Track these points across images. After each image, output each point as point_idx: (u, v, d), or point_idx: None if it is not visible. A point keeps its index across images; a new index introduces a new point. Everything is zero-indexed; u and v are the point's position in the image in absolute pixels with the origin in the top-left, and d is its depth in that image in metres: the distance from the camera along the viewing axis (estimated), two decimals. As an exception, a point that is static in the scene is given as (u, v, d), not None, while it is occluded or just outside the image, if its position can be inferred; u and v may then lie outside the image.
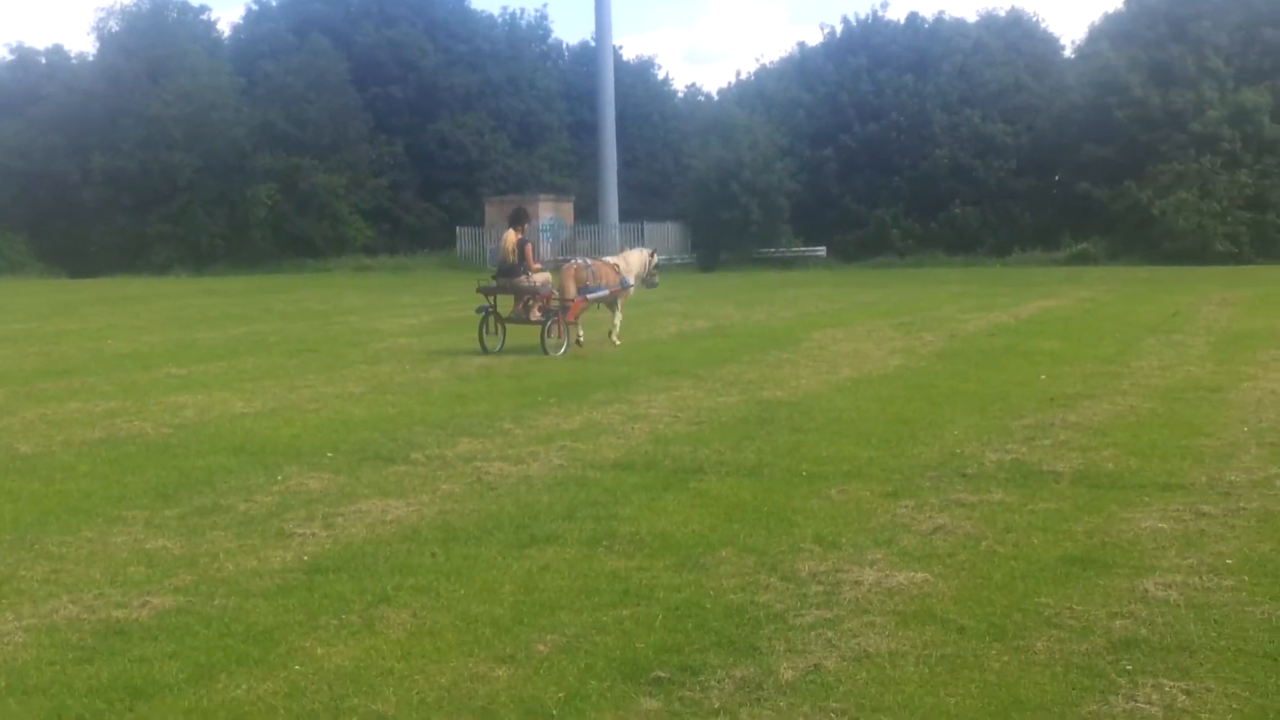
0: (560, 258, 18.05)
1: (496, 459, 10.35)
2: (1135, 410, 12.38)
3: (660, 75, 69.14)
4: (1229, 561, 7.06)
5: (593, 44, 58.37)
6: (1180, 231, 47.18)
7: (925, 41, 55.65)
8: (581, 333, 19.59)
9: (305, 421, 12.53)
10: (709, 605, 6.48)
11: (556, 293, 19.13)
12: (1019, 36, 56.27)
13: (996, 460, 9.95)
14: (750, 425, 11.87)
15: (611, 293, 20.09)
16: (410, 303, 30.74)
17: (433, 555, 7.51)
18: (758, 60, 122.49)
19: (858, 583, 6.77)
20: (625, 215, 53.13)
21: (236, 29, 62.13)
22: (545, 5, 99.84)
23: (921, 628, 6.11)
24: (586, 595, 6.69)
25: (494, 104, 58.35)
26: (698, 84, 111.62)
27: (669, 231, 53.16)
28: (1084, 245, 49.08)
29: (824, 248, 52.48)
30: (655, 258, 22.26)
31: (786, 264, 50.68)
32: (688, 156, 54.71)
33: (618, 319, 20.21)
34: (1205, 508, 8.21)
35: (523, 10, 69.78)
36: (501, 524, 8.17)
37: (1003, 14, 57.85)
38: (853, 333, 20.88)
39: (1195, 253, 46.47)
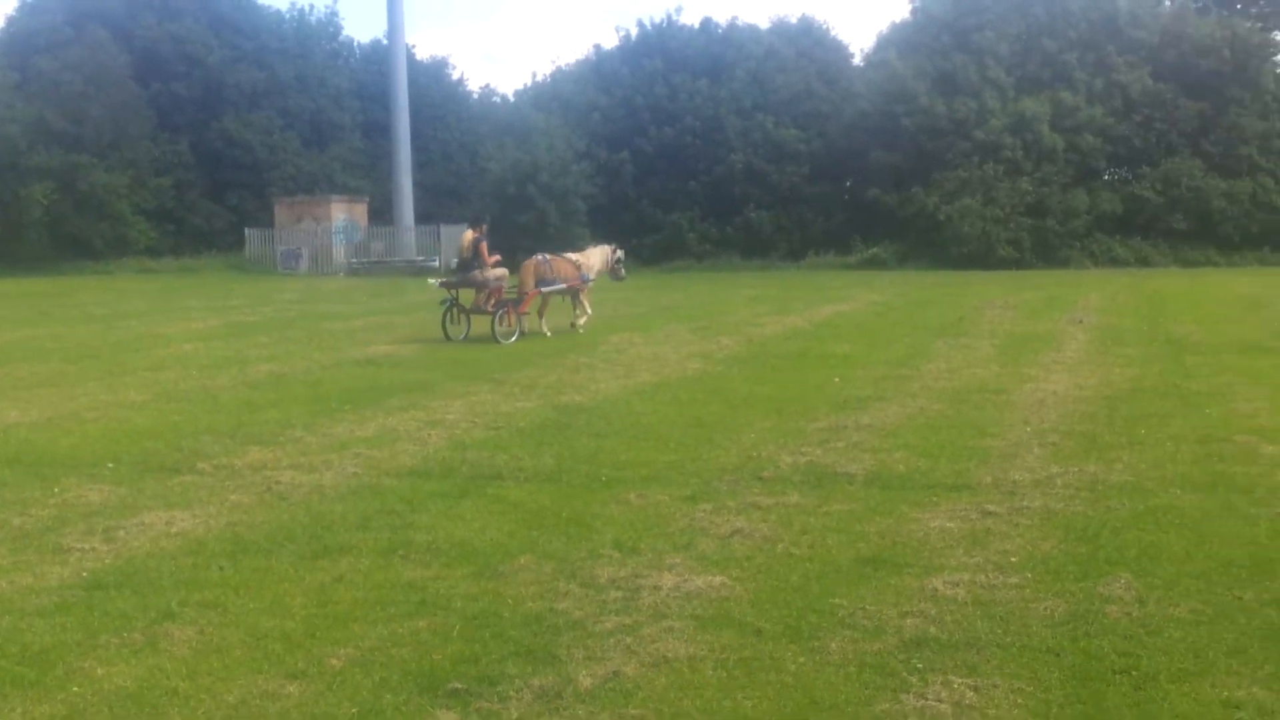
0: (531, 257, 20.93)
1: (288, 468, 10.09)
2: (924, 412, 12.71)
3: (455, 75, 68.37)
4: (1013, 559, 7.27)
5: (385, 42, 57.55)
6: (965, 237, 48.70)
7: (719, 47, 56.27)
8: (547, 327, 21.52)
9: (85, 431, 12.04)
10: (507, 614, 6.41)
11: (509, 286, 21.17)
12: (810, 44, 57.38)
13: (792, 463, 10.09)
14: (549, 430, 11.82)
15: (569, 286, 21.86)
16: (197, 306, 29.81)
17: (220, 569, 7.27)
18: (553, 62, 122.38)
19: (657, 588, 6.78)
20: (421, 217, 52.56)
21: (10, 21, 59.33)
22: (335, 2, 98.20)
23: (720, 631, 6.14)
24: (381, 606, 6.56)
25: (282, 102, 57.00)
26: (493, 85, 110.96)
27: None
28: (875, 250, 50.33)
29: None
30: (618, 253, 24.27)
31: (585, 267, 50.82)
32: (484, 159, 54.24)
33: (582, 310, 22.15)
34: (991, 507, 8.46)
35: (312, 6, 68.38)
36: (293, 535, 7.96)
37: (794, 21, 58.90)
38: (651, 337, 20.99)
39: (980, 257, 48.04)
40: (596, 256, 23.46)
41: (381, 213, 53.45)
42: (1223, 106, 51.62)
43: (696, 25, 57.81)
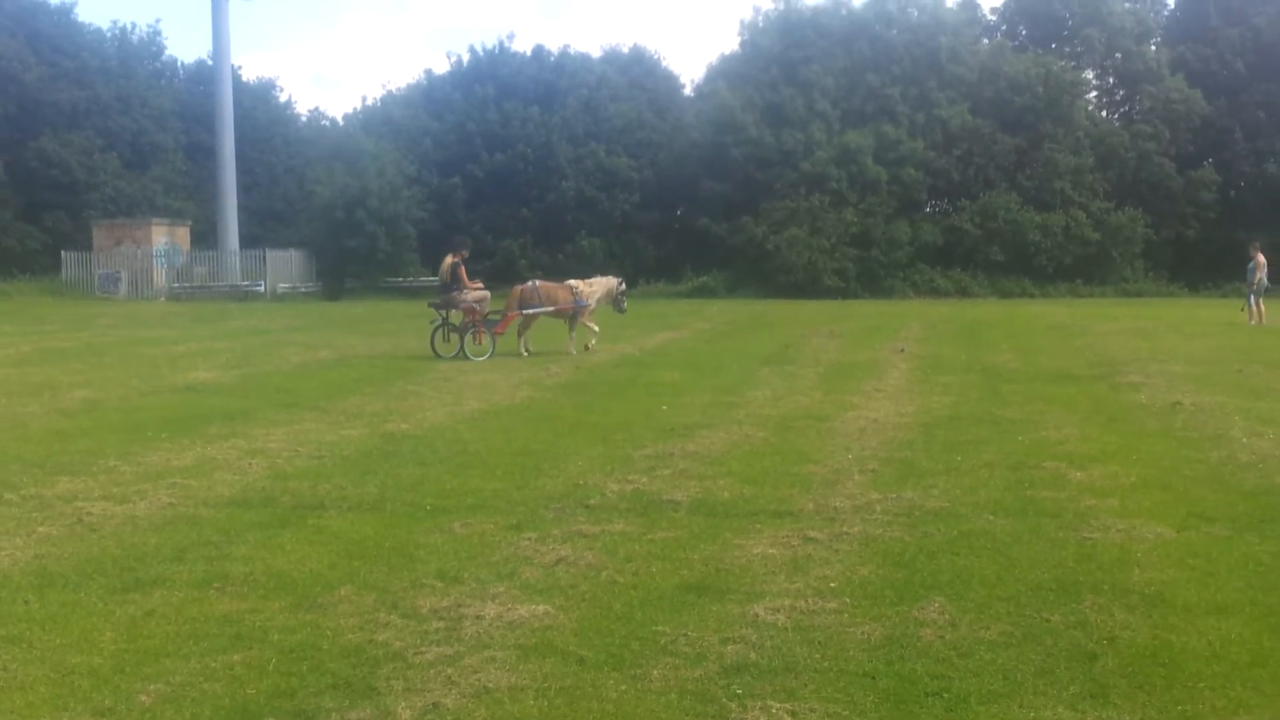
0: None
1: (100, 498, 9.77)
2: (750, 439, 12.85)
3: (283, 97, 67.54)
4: (833, 584, 7.39)
5: (210, 62, 56.49)
6: (793, 266, 49.59)
7: (551, 75, 56.50)
8: (525, 347, 23.07)
9: (-116, 461, 11.50)
10: (326, 646, 6.29)
11: (491, 309, 22.84)
12: (641, 74, 58.02)
13: (618, 490, 10.11)
14: (373, 459, 11.66)
15: (557, 310, 23.51)
16: (8, 331, 28.75)
17: (25, 603, 7.01)
18: (384, 86, 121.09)
19: (479, 617, 6.72)
20: (246, 241, 51.65)
21: None
22: (158, 21, 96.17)
23: (542, 660, 6.11)
24: (195, 641, 6.38)
25: (102, 122, 55.45)
26: (322, 108, 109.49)
27: (292, 259, 51.92)
28: (704, 278, 51.00)
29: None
30: (622, 285, 25.86)
31: (414, 293, 50.34)
32: (312, 183, 53.54)
33: (583, 331, 23.70)
34: (812, 533, 8.58)
35: (134, 25, 67.00)
36: (103, 567, 7.71)
37: (625, 51, 59.50)
38: (481, 364, 20.88)
39: (807, 286, 48.97)
40: (600, 286, 24.92)
41: (205, 236, 52.37)
42: (1037, 142, 53.57)
43: (529, 53, 57.99)
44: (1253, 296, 32.05)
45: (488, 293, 23.22)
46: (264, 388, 17.59)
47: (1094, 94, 60.70)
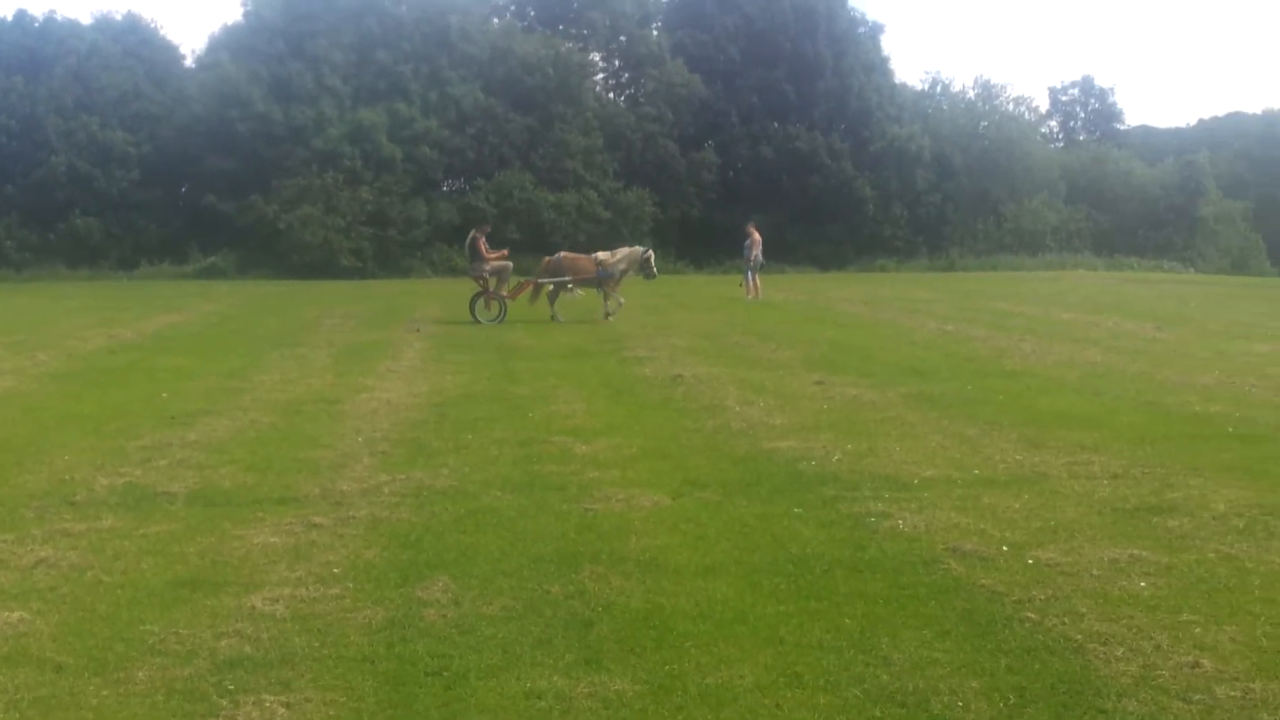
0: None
1: None
2: (256, 425, 12.46)
3: None
4: (336, 570, 7.24)
5: None
6: (307, 246, 48.48)
7: (36, 41, 52.46)
8: (558, 314, 25.85)
9: None
10: None
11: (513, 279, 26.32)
12: (137, 43, 54.85)
13: (109, 485, 9.54)
14: None
15: (578, 280, 26.45)
16: None
17: None
18: None
19: (-58, 632, 6.14)
20: None
21: None
22: None
23: (15, 671, 5.70)
24: None
25: None
26: None
27: None
28: (213, 259, 49.01)
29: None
30: (648, 254, 27.66)
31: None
32: None
33: (610, 302, 26.15)
34: (317, 519, 8.39)
35: None
36: None
37: (119, 18, 56.15)
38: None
39: (323, 266, 48.00)
40: (624, 256, 26.97)
41: None
42: (549, 122, 54.77)
43: (9, 18, 53.68)
44: (749, 272, 34.12)
45: (509, 264, 26.18)
46: None
47: (602, 76, 62.73)
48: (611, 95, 62.39)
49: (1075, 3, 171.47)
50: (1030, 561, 7.40)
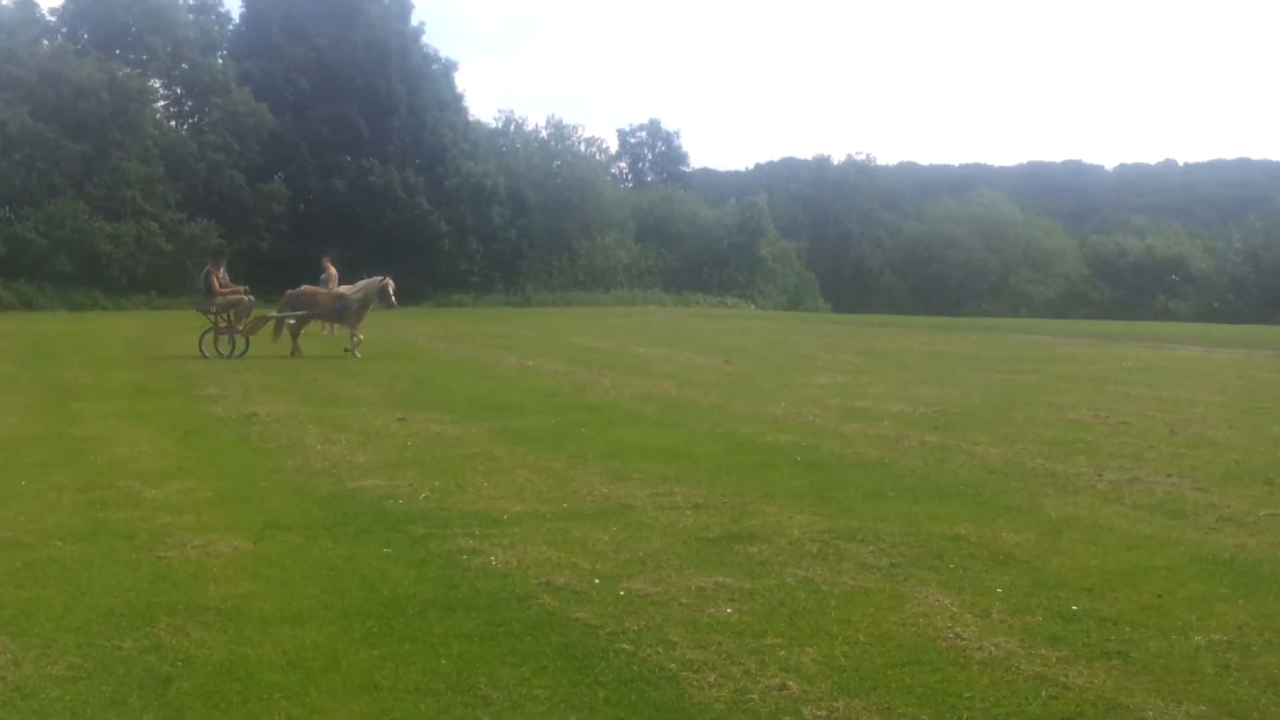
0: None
1: None
2: None
3: None
4: None
5: None
6: None
7: None
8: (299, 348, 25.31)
9: None
10: None
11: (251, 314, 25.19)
12: None
13: None
14: None
15: (311, 315, 26.01)
16: None
17: None
18: None
19: None
20: None
21: None
22: None
23: None
24: None
25: None
26: None
27: None
28: None
29: None
30: (385, 282, 27.02)
31: None
32: None
33: (351, 334, 26.06)
34: None
35: None
36: None
37: None
38: None
39: None
40: (361, 288, 26.60)
41: None
42: (105, 149, 52.18)
43: None
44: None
45: (247, 298, 25.20)
46: None
47: (163, 103, 60.33)
48: (174, 123, 60.14)
49: (642, 46, 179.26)
50: (622, 593, 7.44)
